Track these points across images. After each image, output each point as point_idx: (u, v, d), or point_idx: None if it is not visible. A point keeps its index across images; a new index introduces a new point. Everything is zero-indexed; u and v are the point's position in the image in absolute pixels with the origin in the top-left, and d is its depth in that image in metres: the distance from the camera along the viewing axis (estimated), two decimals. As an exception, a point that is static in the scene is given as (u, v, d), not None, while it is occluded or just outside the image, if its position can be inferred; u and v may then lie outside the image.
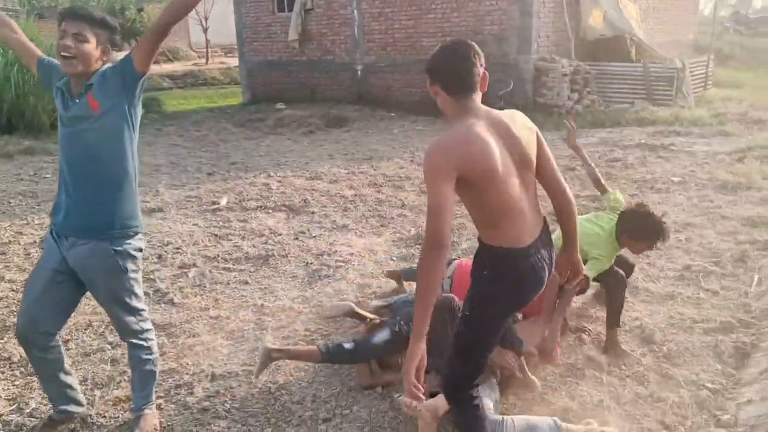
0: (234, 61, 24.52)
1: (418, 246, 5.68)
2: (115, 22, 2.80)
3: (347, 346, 3.36)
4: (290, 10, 16.16)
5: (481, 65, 2.32)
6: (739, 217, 5.95)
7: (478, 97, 2.33)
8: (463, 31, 13.40)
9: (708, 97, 13.58)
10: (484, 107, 2.34)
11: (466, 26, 13.38)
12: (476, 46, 2.34)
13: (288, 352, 3.41)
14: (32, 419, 3.17)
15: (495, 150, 2.21)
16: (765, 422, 2.92)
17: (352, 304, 4.03)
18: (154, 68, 22.81)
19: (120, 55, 2.98)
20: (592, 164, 4.10)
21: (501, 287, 2.37)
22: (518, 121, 2.38)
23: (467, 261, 4.22)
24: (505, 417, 2.85)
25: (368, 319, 3.77)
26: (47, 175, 8.91)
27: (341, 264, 5.22)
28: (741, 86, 15.11)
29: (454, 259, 4.21)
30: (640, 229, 3.62)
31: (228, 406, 3.27)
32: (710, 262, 4.97)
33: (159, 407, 3.25)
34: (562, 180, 2.57)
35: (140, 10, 30.73)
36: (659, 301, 4.39)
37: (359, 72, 15.29)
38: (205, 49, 30.02)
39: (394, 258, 5.41)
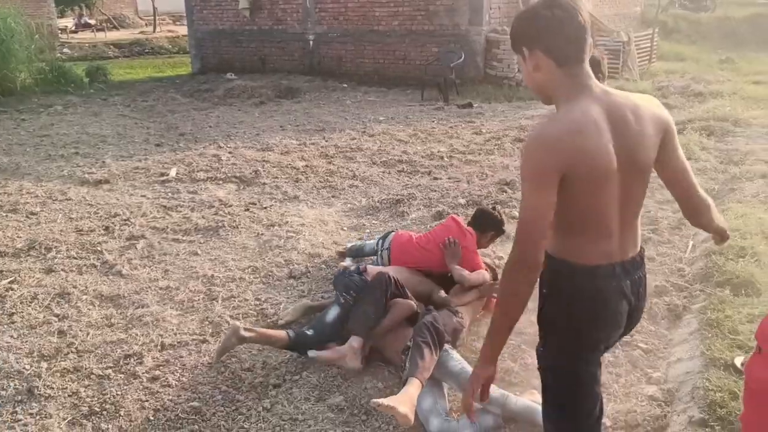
0: (183, 30, 23.88)
1: (368, 216, 5.75)
2: None
3: (309, 332, 3.39)
4: (240, -23, 15.80)
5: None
6: (677, 187, 6.18)
7: (589, 70, 1.82)
8: (415, 2, 13.37)
9: (653, 70, 13.92)
10: (600, 85, 1.82)
11: (419, -3, 13.34)
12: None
13: (258, 333, 3.30)
14: (-23, 392, 3.14)
15: (609, 148, 1.75)
16: (692, 378, 3.11)
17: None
18: (99, 36, 22.08)
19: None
20: None
21: (567, 312, 1.89)
22: (646, 113, 1.85)
23: (403, 231, 4.32)
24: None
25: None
26: (-13, 146, 8.62)
27: (292, 235, 5.24)
28: (684, 59, 15.50)
29: (391, 232, 4.31)
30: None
31: (178, 376, 3.29)
32: (648, 230, 5.16)
33: (108, 378, 3.26)
34: (701, 192, 2.02)
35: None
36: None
37: (311, 42, 15.11)
38: (152, 17, 29.11)
39: (345, 228, 5.47)
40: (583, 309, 1.88)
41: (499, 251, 4.79)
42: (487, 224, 4.14)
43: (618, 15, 16.84)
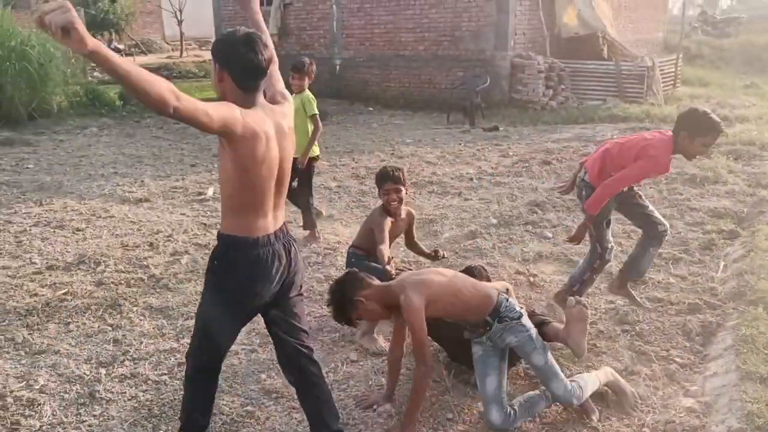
0: (209, 54, 24.37)
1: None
2: None
3: None
4: (269, 4, 16.21)
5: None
6: (706, 209, 6.28)
7: (260, 94, 2.45)
8: (441, 27, 13.64)
9: (677, 95, 14.02)
10: (263, 101, 2.46)
11: (444, 22, 13.62)
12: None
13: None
14: (43, 395, 3.31)
15: (276, 152, 2.41)
16: (728, 391, 3.20)
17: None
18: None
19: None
20: None
21: (235, 274, 2.47)
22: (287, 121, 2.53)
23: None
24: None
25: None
26: (29, 166, 8.92)
27: (329, 251, 5.41)
28: (708, 84, 15.59)
29: None
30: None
31: (231, 382, 3.45)
32: (679, 250, 5.26)
33: (164, 384, 3.42)
34: None
35: (113, 1, 30.43)
36: (632, 285, 4.66)
37: (338, 67, 15.43)
38: (179, 42, 29.80)
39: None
40: (248, 270, 2.46)
41: (533, 269, 4.91)
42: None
43: (641, 40, 17.00)
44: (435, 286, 2.97)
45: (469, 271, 4.04)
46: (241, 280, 2.46)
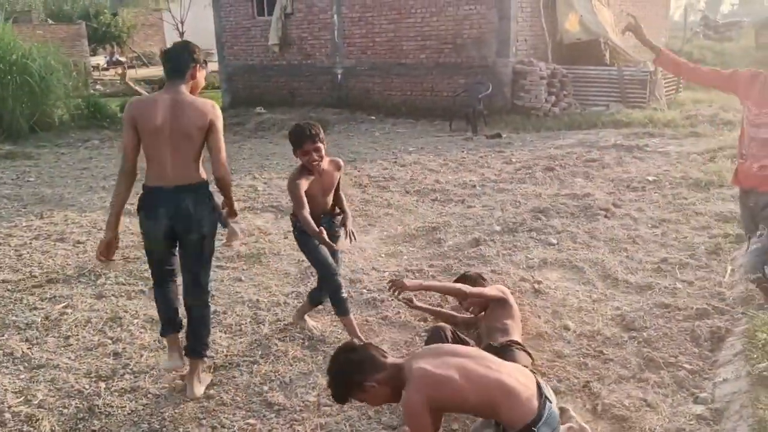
0: (211, 66, 24.40)
1: (405, 243, 5.85)
2: None
3: None
4: (270, 14, 16.25)
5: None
6: (711, 213, 6.21)
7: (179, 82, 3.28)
8: (443, 35, 13.63)
9: (680, 100, 13.96)
10: (178, 88, 3.29)
11: (446, 30, 13.60)
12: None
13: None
14: (41, 410, 3.26)
15: (164, 120, 3.21)
16: (738, 398, 3.13)
17: None
18: (130, 73, 22.59)
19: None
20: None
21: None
22: (195, 107, 3.25)
23: None
24: None
25: None
26: (30, 179, 8.92)
27: (332, 261, 5.35)
28: (711, 90, 15.51)
29: None
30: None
31: (232, 395, 3.39)
32: (686, 255, 5.20)
33: (165, 398, 3.37)
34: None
35: (114, 14, 30.59)
36: (638, 291, 4.60)
37: (339, 75, 15.43)
38: (181, 54, 29.83)
39: (383, 255, 5.56)
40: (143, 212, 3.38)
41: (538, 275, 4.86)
42: None
43: (643, 46, 16.95)
44: (449, 389, 2.45)
45: (464, 278, 4.00)
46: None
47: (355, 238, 3.87)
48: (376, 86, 14.87)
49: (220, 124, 3.30)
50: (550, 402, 2.58)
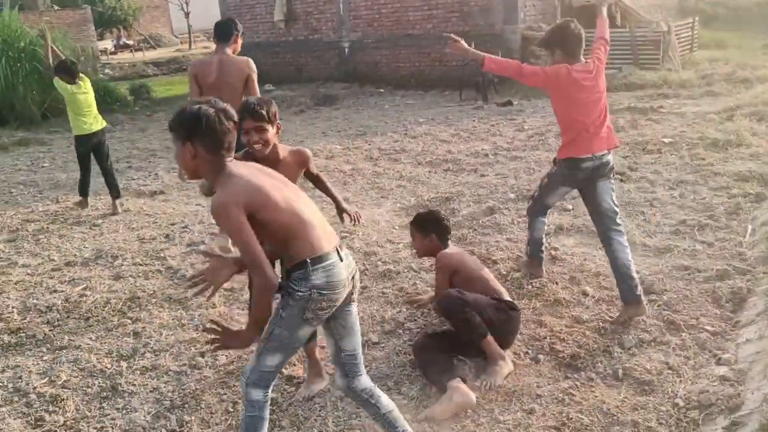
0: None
1: (419, 214, 5.82)
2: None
3: None
4: (274, -11, 16.07)
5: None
6: (731, 173, 6.11)
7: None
8: (449, 4, 13.42)
9: (694, 59, 13.69)
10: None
11: (452, -2, 13.39)
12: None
13: None
14: (65, 390, 3.30)
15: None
16: (762, 358, 3.09)
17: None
18: (138, 55, 22.64)
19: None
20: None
21: None
22: None
23: None
24: None
25: None
26: (44, 164, 8.96)
27: (346, 234, 5.34)
28: (726, 47, 15.19)
29: None
30: None
31: (252, 370, 3.40)
32: (704, 216, 5.12)
33: (186, 374, 3.39)
34: None
35: (119, -3, 30.44)
36: (657, 254, 4.55)
37: (346, 49, 15.28)
38: (187, 35, 29.77)
39: (397, 227, 5.54)
40: None
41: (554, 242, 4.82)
42: None
43: (655, 5, 16.63)
44: (262, 196, 2.29)
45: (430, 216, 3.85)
46: None
47: (360, 219, 3.43)
48: (383, 59, 14.71)
49: (254, 76, 4.49)
50: (341, 262, 2.39)
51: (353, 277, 2.47)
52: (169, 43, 31.86)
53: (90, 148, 6.43)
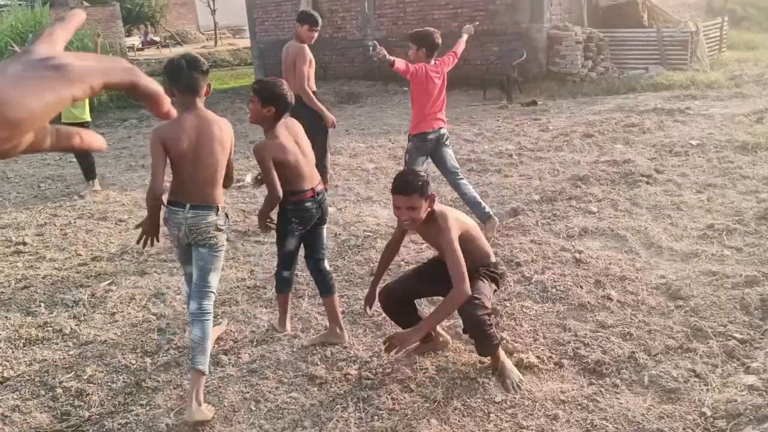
0: (242, 42, 24.52)
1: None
2: None
3: None
4: (300, -13, 16.11)
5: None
6: (760, 177, 6.00)
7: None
8: (474, 2, 13.35)
9: (723, 60, 13.49)
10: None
11: (478, -3, 13.32)
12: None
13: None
14: (91, 385, 3.34)
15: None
16: (793, 367, 3.03)
17: None
18: (164, 52, 22.82)
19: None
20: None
21: None
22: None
23: None
24: None
25: None
26: (72, 160, 9.07)
27: (369, 234, 5.35)
28: (756, 47, 14.94)
29: None
30: None
31: (274, 369, 3.42)
32: (733, 221, 5.04)
33: (209, 371, 3.41)
34: None
35: (147, -6, 30.74)
36: (684, 259, 4.49)
37: (371, 47, 15.25)
38: (213, 32, 29.98)
39: (420, 227, 5.52)
40: None
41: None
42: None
43: (683, 5, 16.38)
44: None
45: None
46: None
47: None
48: (408, 57, 14.65)
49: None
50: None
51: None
52: (195, 40, 32.13)
53: None
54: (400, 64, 5.11)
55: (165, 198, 3.19)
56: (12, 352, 3.75)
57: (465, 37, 5.76)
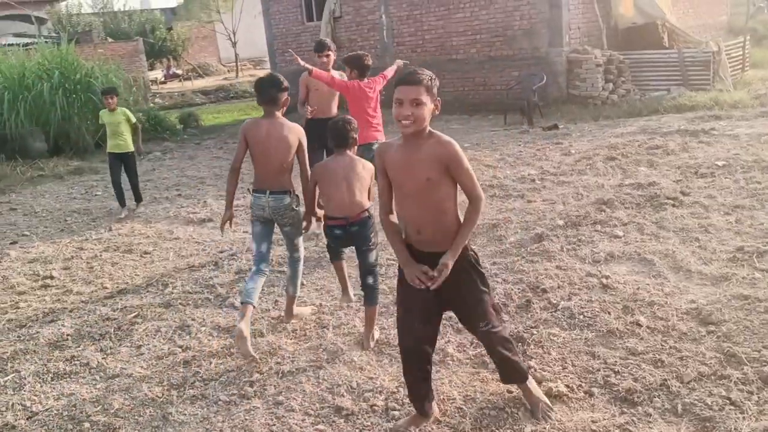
0: (263, 74, 24.81)
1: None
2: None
3: None
4: (319, 18, 16.38)
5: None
6: (789, 197, 5.89)
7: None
8: (493, 28, 13.44)
9: (747, 79, 13.37)
10: None
11: (496, 23, 13.42)
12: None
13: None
14: (118, 418, 3.35)
15: None
16: (833, 394, 2.93)
17: None
18: (187, 84, 23.24)
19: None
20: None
21: None
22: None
23: None
24: None
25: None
26: (98, 193, 9.22)
27: (393, 262, 5.32)
28: (780, 66, 14.81)
29: None
30: None
31: (300, 400, 3.40)
32: (763, 243, 4.94)
33: (235, 404, 3.40)
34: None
35: (169, 29, 31.47)
36: (714, 282, 4.40)
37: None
38: (234, 63, 30.52)
39: (444, 254, 5.49)
40: None
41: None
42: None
43: (704, 25, 16.32)
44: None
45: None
46: None
47: None
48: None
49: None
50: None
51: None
52: (217, 72, 32.74)
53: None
54: (322, 75, 5.90)
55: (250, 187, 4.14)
56: (40, 386, 3.78)
57: (395, 66, 6.50)
